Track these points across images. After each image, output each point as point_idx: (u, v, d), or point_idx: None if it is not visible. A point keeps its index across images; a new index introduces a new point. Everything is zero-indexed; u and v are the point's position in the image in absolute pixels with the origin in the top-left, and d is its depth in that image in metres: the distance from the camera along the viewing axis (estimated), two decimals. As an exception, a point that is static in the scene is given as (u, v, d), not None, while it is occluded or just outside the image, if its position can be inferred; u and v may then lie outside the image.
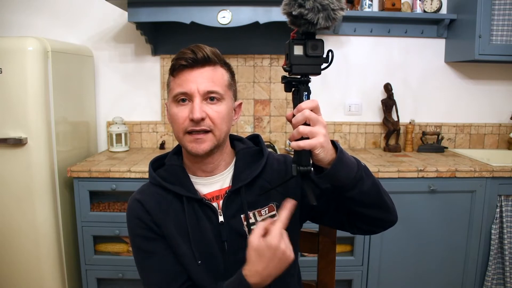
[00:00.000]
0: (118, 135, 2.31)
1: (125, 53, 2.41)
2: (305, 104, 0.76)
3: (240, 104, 1.00)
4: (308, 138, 0.75)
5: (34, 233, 1.83)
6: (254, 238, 0.79)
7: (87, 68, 2.30)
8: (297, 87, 0.79)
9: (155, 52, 2.38)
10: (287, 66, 0.79)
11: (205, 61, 0.89)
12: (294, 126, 0.76)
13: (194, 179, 0.96)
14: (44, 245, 1.86)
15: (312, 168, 0.78)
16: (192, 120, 0.87)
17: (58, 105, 1.90)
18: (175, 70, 0.90)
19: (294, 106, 0.79)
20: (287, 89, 0.81)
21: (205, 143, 0.89)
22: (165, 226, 0.93)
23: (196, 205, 0.93)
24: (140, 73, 2.42)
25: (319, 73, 0.79)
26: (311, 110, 0.75)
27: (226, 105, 0.91)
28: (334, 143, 0.80)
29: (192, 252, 0.91)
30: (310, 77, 0.79)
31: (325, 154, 0.76)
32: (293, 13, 0.73)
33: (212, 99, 0.89)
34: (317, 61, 0.78)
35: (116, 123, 2.32)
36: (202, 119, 0.87)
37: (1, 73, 1.73)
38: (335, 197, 0.91)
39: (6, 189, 1.81)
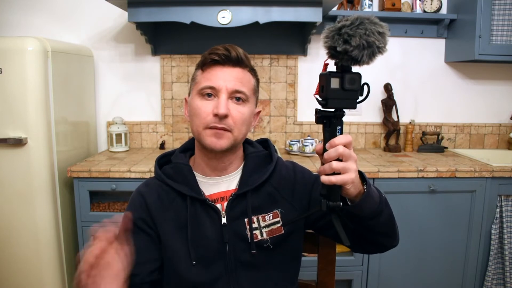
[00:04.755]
0: (118, 135, 2.31)
1: (125, 53, 2.41)
2: (339, 140, 0.74)
3: (259, 112, 1.00)
4: (339, 173, 0.73)
5: (34, 233, 1.83)
6: None
7: (87, 68, 2.30)
8: (330, 121, 0.77)
9: (155, 52, 2.38)
10: (322, 99, 0.76)
11: (237, 62, 0.89)
12: (326, 161, 0.74)
13: (200, 179, 0.96)
14: (44, 245, 1.85)
15: (341, 203, 0.77)
16: (216, 115, 0.86)
17: (58, 105, 1.90)
18: (205, 65, 0.90)
19: (325, 138, 0.77)
20: (318, 122, 0.78)
21: (223, 140, 0.88)
22: (162, 223, 0.93)
23: (199, 205, 0.93)
24: (140, 73, 2.42)
25: (355, 108, 0.76)
26: (344, 146, 0.74)
27: (249, 108, 0.92)
28: (360, 173, 0.80)
29: (188, 252, 0.91)
30: (344, 110, 0.77)
31: (355, 189, 0.76)
32: (338, 49, 0.70)
33: (238, 99, 0.89)
34: (353, 95, 0.75)
35: (116, 123, 2.32)
36: (226, 116, 0.87)
37: (1, 73, 1.73)
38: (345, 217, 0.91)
39: (6, 189, 1.81)
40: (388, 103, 2.38)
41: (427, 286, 2.03)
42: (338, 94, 0.75)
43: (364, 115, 2.49)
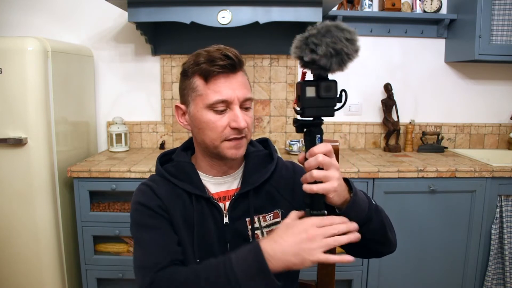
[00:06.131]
0: (118, 135, 2.31)
1: (125, 53, 2.41)
2: (318, 149, 0.74)
3: None
4: (321, 182, 0.74)
5: (34, 233, 1.83)
6: (289, 217, 0.78)
7: (87, 68, 2.30)
8: (309, 129, 0.77)
9: (155, 52, 2.38)
10: (299, 108, 0.76)
11: (239, 66, 0.89)
12: (307, 170, 0.75)
13: (202, 177, 0.96)
14: (44, 245, 1.85)
15: (326, 212, 0.77)
16: (236, 128, 0.87)
17: (58, 105, 1.90)
18: (209, 76, 0.86)
19: (306, 147, 0.77)
20: (298, 131, 0.78)
21: (242, 148, 0.91)
22: (173, 214, 0.91)
23: (203, 203, 0.93)
24: (140, 73, 2.42)
25: (333, 115, 0.76)
26: (324, 154, 0.74)
27: (252, 110, 0.94)
28: (347, 181, 0.80)
29: (193, 249, 0.91)
30: (322, 118, 0.76)
31: (338, 197, 0.76)
32: (305, 58, 0.69)
33: (246, 106, 0.90)
34: (330, 102, 0.75)
35: (116, 123, 2.32)
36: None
37: (1, 73, 1.73)
38: None
39: (6, 189, 1.81)
40: (388, 103, 2.38)
41: (427, 286, 2.03)
42: (315, 102, 0.74)
43: (364, 115, 2.49)
